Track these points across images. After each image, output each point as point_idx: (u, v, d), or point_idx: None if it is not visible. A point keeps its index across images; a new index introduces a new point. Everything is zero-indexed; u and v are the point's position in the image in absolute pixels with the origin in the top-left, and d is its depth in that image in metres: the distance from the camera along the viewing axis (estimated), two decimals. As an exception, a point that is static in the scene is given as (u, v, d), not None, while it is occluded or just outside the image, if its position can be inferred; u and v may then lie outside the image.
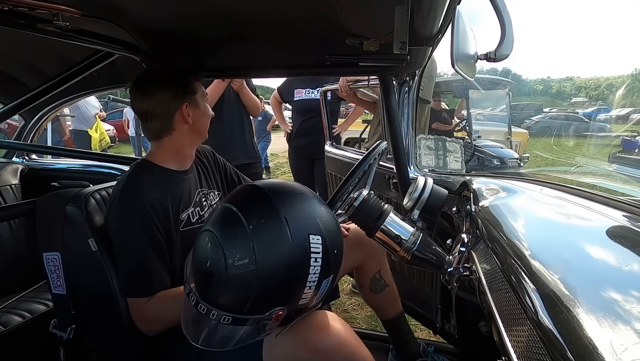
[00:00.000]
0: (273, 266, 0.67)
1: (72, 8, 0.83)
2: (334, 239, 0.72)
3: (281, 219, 0.68)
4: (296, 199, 0.73)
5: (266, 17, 0.93)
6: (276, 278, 0.67)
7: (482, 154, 5.28)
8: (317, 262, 0.68)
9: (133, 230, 0.94)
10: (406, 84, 1.49)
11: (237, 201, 0.73)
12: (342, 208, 0.92)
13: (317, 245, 0.69)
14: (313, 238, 0.69)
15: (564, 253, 0.60)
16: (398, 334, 1.34)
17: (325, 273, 0.70)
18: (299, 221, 0.69)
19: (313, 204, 0.74)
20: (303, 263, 0.68)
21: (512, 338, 0.50)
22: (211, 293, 0.69)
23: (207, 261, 0.68)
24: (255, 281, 0.66)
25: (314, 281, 0.69)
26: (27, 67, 1.53)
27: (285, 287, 0.69)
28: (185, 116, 1.03)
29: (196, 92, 1.05)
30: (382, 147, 1.01)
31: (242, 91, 2.17)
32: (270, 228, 0.68)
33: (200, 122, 1.07)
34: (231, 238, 0.68)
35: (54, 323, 1.07)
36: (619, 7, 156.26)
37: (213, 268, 0.67)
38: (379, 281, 1.30)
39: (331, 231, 0.72)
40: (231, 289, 0.68)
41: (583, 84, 46.79)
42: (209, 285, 0.69)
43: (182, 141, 1.06)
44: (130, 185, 0.99)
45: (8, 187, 1.72)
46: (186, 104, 1.02)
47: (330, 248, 0.70)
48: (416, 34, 0.84)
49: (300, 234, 0.68)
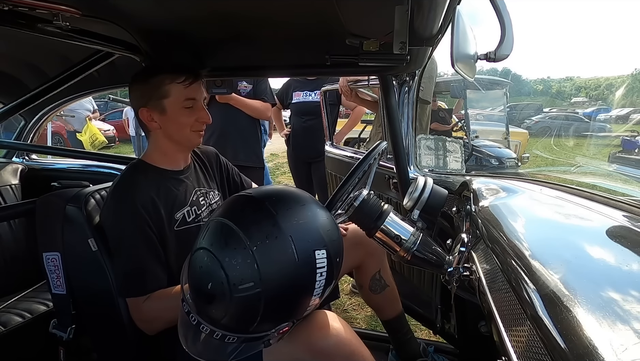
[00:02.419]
0: (280, 286, 0.65)
1: (72, 8, 0.83)
2: (337, 248, 0.71)
3: (286, 238, 0.65)
4: (298, 211, 0.70)
5: (266, 17, 0.93)
6: (283, 298, 0.66)
7: (480, 154, 5.29)
8: (322, 276, 0.67)
9: (126, 230, 0.94)
10: (406, 84, 1.49)
11: (235, 216, 0.69)
12: (342, 208, 0.92)
13: (322, 260, 0.67)
14: (318, 253, 0.67)
15: (564, 253, 0.60)
16: (398, 334, 1.34)
17: (329, 282, 0.69)
18: (304, 237, 0.67)
19: (315, 214, 0.71)
20: (309, 280, 0.67)
21: (512, 338, 0.50)
22: (214, 315, 0.67)
23: (208, 284, 0.65)
24: (261, 303, 0.64)
25: (319, 293, 0.68)
26: (27, 67, 1.53)
27: (292, 305, 0.68)
28: (149, 120, 1.01)
29: (166, 96, 0.99)
30: (382, 147, 1.01)
31: (230, 101, 2.15)
32: (276, 248, 0.65)
33: (169, 128, 1.02)
34: (233, 258, 0.64)
35: (54, 323, 1.07)
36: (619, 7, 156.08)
37: (215, 291, 0.65)
38: (379, 281, 1.30)
39: (334, 241, 0.71)
40: (236, 312, 0.66)
41: (583, 84, 46.80)
42: (212, 307, 0.67)
43: (162, 143, 1.05)
44: (123, 185, 0.99)
45: (8, 187, 1.73)
46: (147, 108, 1.00)
47: (334, 257, 0.69)
48: (416, 34, 0.84)
49: (305, 252, 0.66)
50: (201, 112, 1.04)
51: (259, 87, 2.28)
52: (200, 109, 1.04)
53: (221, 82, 1.38)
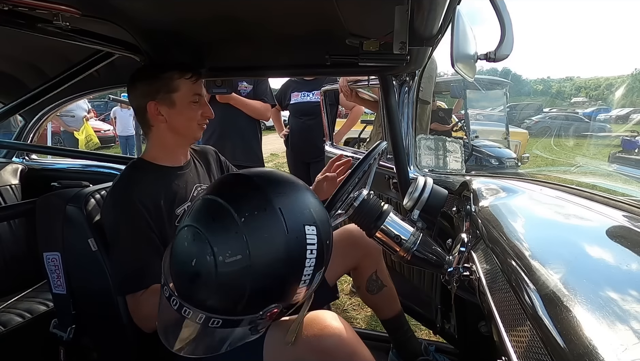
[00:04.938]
0: (269, 261, 0.62)
1: (72, 8, 0.83)
2: (326, 229, 0.69)
3: (276, 210, 0.63)
4: (288, 187, 0.68)
5: (266, 17, 0.94)
6: (272, 273, 0.62)
7: (480, 154, 5.28)
8: (312, 254, 0.64)
9: (124, 226, 0.95)
10: (406, 84, 1.49)
11: (224, 192, 0.66)
12: (342, 208, 0.92)
13: (313, 236, 0.65)
14: (308, 229, 0.64)
15: (564, 253, 0.60)
16: (398, 333, 1.34)
17: (319, 265, 0.66)
18: (294, 211, 0.64)
19: (304, 192, 0.70)
20: (300, 256, 0.64)
21: (512, 338, 0.50)
22: (198, 295, 0.62)
23: (192, 260, 0.61)
24: (249, 279, 0.61)
25: (309, 275, 0.65)
26: (27, 67, 1.53)
27: (281, 283, 0.65)
28: (155, 114, 1.02)
29: (175, 90, 1.02)
30: (382, 147, 1.01)
31: (230, 101, 2.17)
32: (265, 220, 0.62)
33: (176, 121, 1.04)
34: (220, 232, 0.61)
35: (55, 323, 1.08)
36: (619, 7, 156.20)
37: (200, 267, 0.61)
38: (376, 281, 1.30)
39: (323, 221, 0.69)
40: (222, 289, 0.61)
41: (583, 84, 46.84)
42: (195, 286, 0.62)
43: (163, 138, 1.06)
44: (121, 182, 1.00)
45: (8, 187, 1.73)
46: (155, 102, 1.01)
47: (324, 238, 0.67)
48: (416, 34, 0.84)
49: (296, 225, 0.63)
50: (205, 108, 1.08)
51: (259, 87, 2.29)
52: (204, 105, 1.09)
53: (221, 82, 1.39)
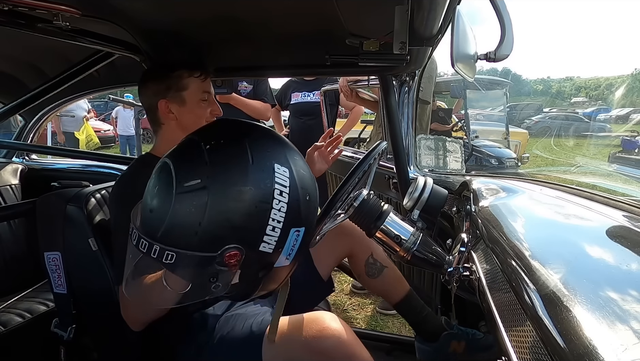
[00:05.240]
0: (228, 185, 0.57)
1: (72, 8, 0.84)
2: (305, 181, 0.63)
3: (243, 143, 0.60)
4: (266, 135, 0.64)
5: (266, 17, 0.94)
6: (231, 205, 0.57)
7: (480, 154, 5.29)
8: (282, 197, 0.58)
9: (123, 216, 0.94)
10: (406, 84, 1.49)
11: (201, 131, 0.66)
12: (342, 208, 0.92)
13: (284, 177, 0.59)
14: (279, 168, 0.59)
15: (564, 253, 0.60)
16: (413, 314, 1.24)
17: (294, 220, 0.60)
18: (264, 149, 0.61)
19: (285, 144, 0.65)
20: (265, 191, 0.58)
21: (512, 338, 0.50)
22: (155, 223, 0.58)
23: (155, 188, 0.59)
24: (206, 208, 0.56)
25: (279, 223, 0.59)
26: (27, 67, 1.53)
27: (242, 217, 0.57)
28: (166, 112, 1.03)
29: (185, 89, 1.03)
30: (382, 147, 1.01)
31: (230, 101, 2.18)
32: (230, 148, 0.60)
33: (186, 119, 1.05)
34: (184, 160, 0.60)
35: (56, 323, 1.08)
36: (619, 7, 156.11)
37: (160, 193, 0.58)
38: (374, 264, 1.25)
39: (303, 173, 0.63)
40: (178, 214, 0.57)
41: (583, 84, 46.84)
42: (154, 214, 0.59)
43: (173, 135, 1.06)
44: (129, 175, 1.01)
45: (8, 187, 1.72)
46: (166, 100, 1.02)
47: (301, 189, 0.61)
48: (416, 34, 0.85)
49: (263, 159, 0.59)
50: (214, 106, 1.10)
51: (259, 87, 2.30)
52: (213, 103, 1.10)
53: (221, 82, 1.39)
